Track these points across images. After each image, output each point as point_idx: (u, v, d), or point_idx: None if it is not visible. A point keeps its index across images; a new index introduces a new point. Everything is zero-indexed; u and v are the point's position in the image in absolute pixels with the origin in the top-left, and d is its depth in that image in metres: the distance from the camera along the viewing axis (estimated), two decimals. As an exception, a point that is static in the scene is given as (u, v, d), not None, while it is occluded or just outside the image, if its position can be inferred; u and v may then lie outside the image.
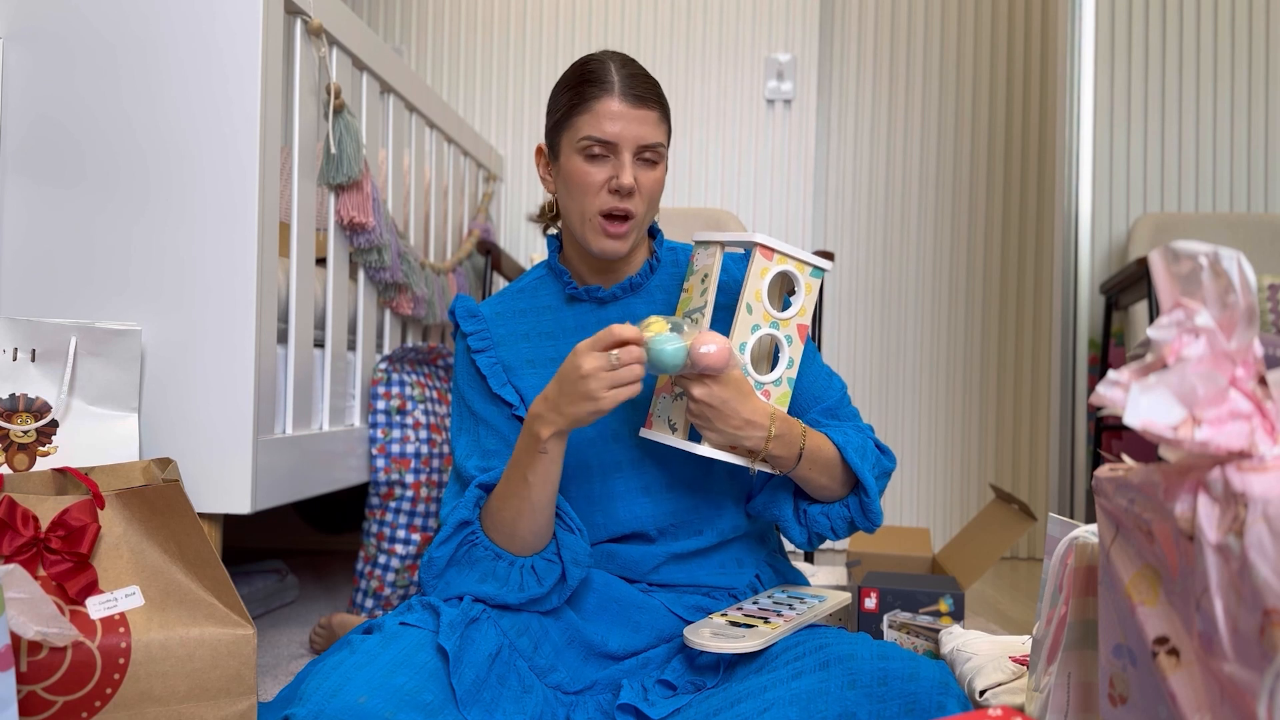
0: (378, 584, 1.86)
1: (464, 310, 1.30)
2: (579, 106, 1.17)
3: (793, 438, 1.14)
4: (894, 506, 3.11)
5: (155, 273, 1.41)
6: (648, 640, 1.20)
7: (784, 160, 3.02)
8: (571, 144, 1.18)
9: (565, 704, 1.11)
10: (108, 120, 1.42)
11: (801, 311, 1.17)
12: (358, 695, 0.96)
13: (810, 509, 1.23)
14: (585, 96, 1.16)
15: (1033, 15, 3.09)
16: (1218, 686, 0.64)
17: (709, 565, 1.27)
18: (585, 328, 1.27)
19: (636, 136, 1.16)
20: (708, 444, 1.14)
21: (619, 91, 1.16)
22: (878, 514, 1.21)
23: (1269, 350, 1.97)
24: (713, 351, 1.06)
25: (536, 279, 1.32)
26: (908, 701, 0.97)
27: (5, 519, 1.04)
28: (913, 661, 1.01)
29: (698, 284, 1.18)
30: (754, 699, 1.00)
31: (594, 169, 1.17)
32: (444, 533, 1.17)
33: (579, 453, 1.24)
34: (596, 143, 1.16)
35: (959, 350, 3.10)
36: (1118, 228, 2.77)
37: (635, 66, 1.20)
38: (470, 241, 2.49)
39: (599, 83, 1.16)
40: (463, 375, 1.29)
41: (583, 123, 1.16)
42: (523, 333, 1.28)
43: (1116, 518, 0.78)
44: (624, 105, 1.15)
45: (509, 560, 1.15)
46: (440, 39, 3.12)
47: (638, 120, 1.16)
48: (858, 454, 1.19)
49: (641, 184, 1.17)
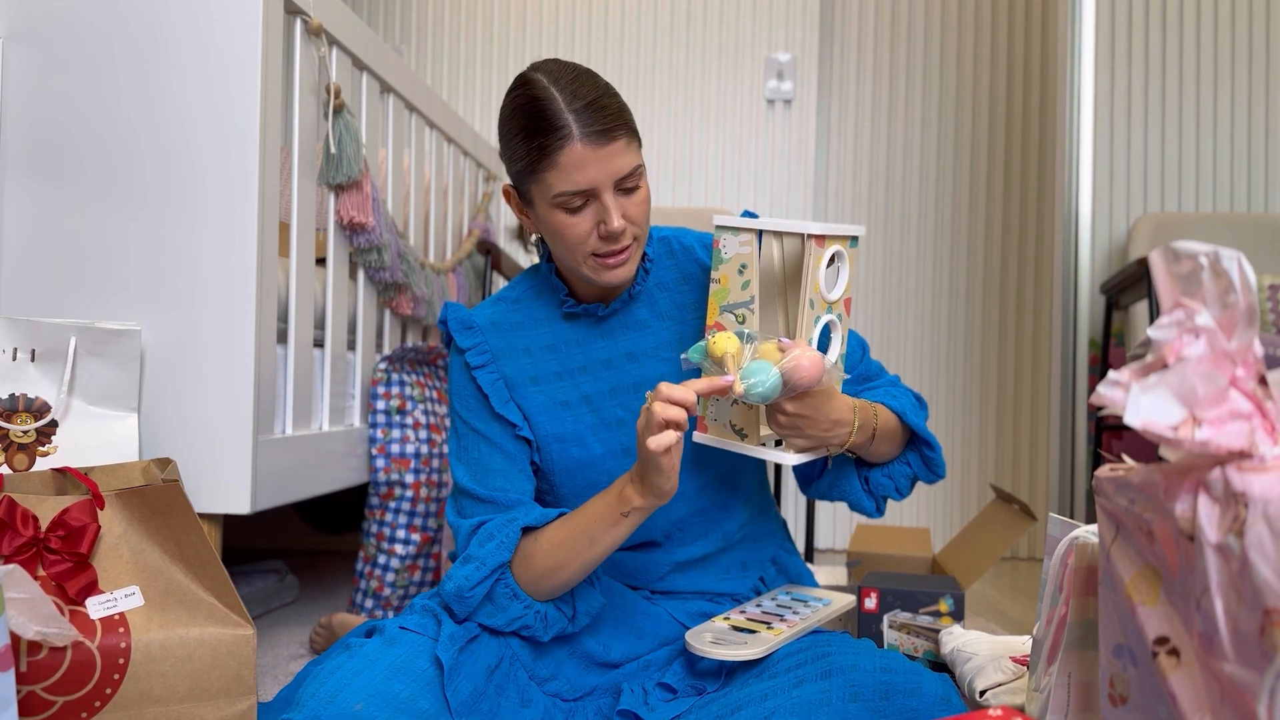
0: (378, 584, 1.86)
1: (457, 321, 1.22)
2: (542, 161, 1.06)
3: (868, 422, 1.14)
4: (894, 506, 3.11)
5: (155, 273, 1.41)
6: (650, 647, 1.20)
7: (784, 160, 3.02)
8: (545, 199, 1.09)
9: (565, 710, 1.11)
10: (108, 120, 1.42)
11: (848, 287, 1.13)
12: (354, 702, 0.96)
13: (872, 475, 1.24)
14: (546, 150, 1.06)
15: (1033, 15, 3.09)
16: (1218, 686, 0.64)
17: (713, 571, 1.27)
18: (587, 340, 1.22)
19: (611, 174, 1.07)
20: (792, 449, 1.12)
21: (579, 135, 1.04)
22: (941, 465, 1.23)
23: (1269, 350, 1.97)
24: (809, 368, 1.02)
25: (530, 289, 1.25)
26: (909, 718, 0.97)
27: (5, 519, 1.04)
28: (916, 676, 1.00)
29: (734, 274, 1.11)
30: (754, 706, 1.00)
31: (577, 220, 1.09)
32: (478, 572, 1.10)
33: (586, 471, 1.20)
34: (572, 195, 1.07)
35: (959, 350, 3.10)
36: (1118, 228, 2.77)
37: (586, 88, 1.07)
38: (470, 241, 2.49)
39: (554, 130, 1.05)
40: (458, 390, 1.22)
41: (551, 178, 1.07)
42: (523, 347, 1.22)
43: (1116, 518, 0.78)
44: (589, 148, 1.05)
45: (525, 603, 1.11)
46: (440, 39, 3.12)
47: (607, 157, 1.06)
48: (914, 414, 1.21)
49: (629, 214, 1.10)
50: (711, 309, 1.13)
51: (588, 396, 1.21)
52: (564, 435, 1.20)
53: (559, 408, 1.21)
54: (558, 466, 1.21)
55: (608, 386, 1.21)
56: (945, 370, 3.10)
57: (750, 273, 1.10)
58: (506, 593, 1.10)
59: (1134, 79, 2.77)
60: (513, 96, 1.11)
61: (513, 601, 1.11)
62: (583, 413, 1.20)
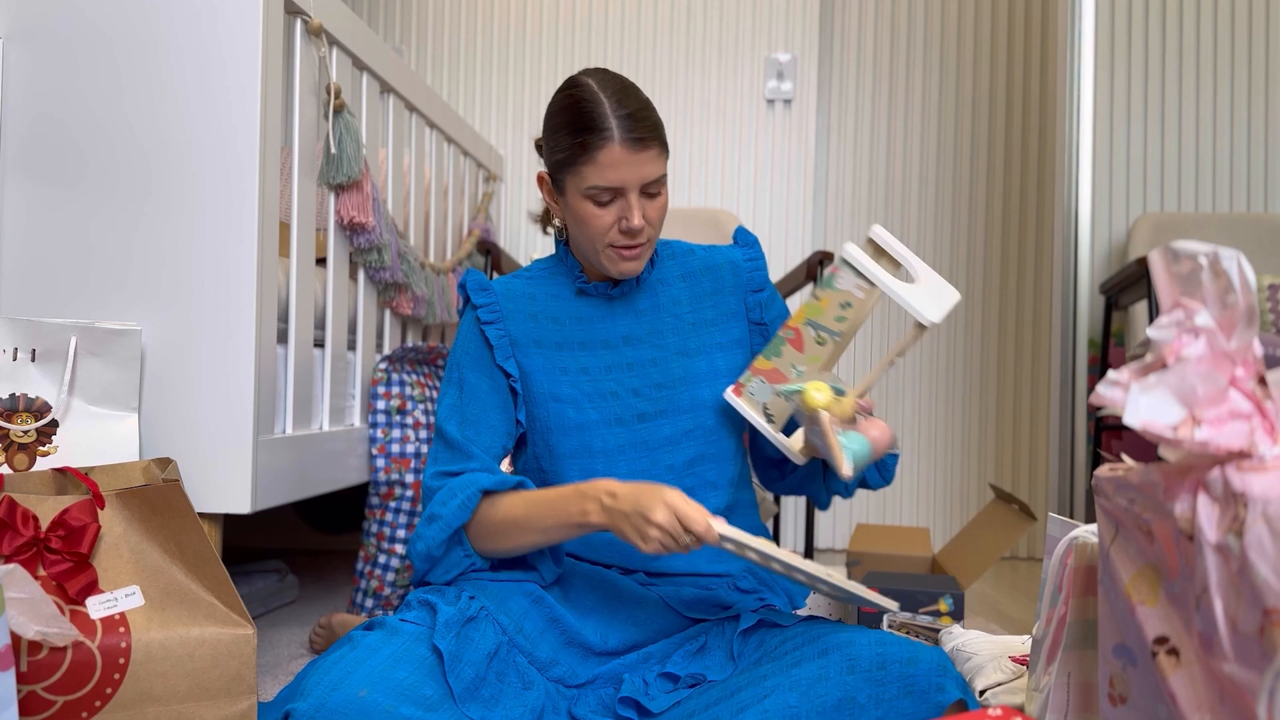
0: (378, 584, 1.86)
1: (475, 283, 1.32)
2: (582, 156, 1.18)
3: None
4: (894, 506, 3.11)
5: (155, 272, 1.41)
6: (648, 635, 1.21)
7: (784, 160, 3.02)
8: (578, 189, 1.21)
9: (568, 698, 1.12)
10: (108, 120, 1.42)
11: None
12: (358, 689, 0.97)
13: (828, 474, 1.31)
14: (588, 146, 1.18)
15: (1033, 15, 3.09)
16: (1218, 686, 0.64)
17: (708, 550, 1.28)
18: (590, 320, 1.30)
19: (641, 178, 1.19)
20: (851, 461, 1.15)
21: (620, 139, 1.17)
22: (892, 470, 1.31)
23: (1269, 350, 1.97)
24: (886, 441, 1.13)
25: (545, 269, 1.35)
26: (906, 684, 0.99)
27: (5, 519, 1.04)
28: (911, 646, 1.02)
29: (835, 304, 1.19)
30: (754, 687, 1.02)
31: (603, 212, 1.20)
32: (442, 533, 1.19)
33: (581, 434, 1.26)
34: (603, 190, 1.19)
35: (959, 350, 3.10)
36: (1118, 228, 2.77)
37: (631, 100, 1.20)
38: (470, 241, 2.49)
39: (599, 130, 1.17)
40: (464, 343, 1.31)
41: (588, 172, 1.19)
42: (530, 312, 1.31)
43: (1116, 518, 0.78)
44: (626, 151, 1.17)
45: (467, 552, 1.20)
46: (440, 39, 3.12)
47: (640, 163, 1.18)
48: None
49: (649, 216, 1.22)
50: (798, 315, 1.21)
51: (585, 368, 1.29)
52: (560, 396, 1.27)
53: (558, 373, 1.28)
54: (554, 424, 1.27)
55: (604, 364, 1.29)
56: (945, 370, 3.11)
57: (851, 313, 1.18)
58: (460, 551, 1.20)
59: (1134, 79, 2.77)
60: (564, 95, 1.23)
61: (464, 560, 1.20)
62: (580, 380, 1.28)
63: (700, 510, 1.08)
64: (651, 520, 1.07)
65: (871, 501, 3.11)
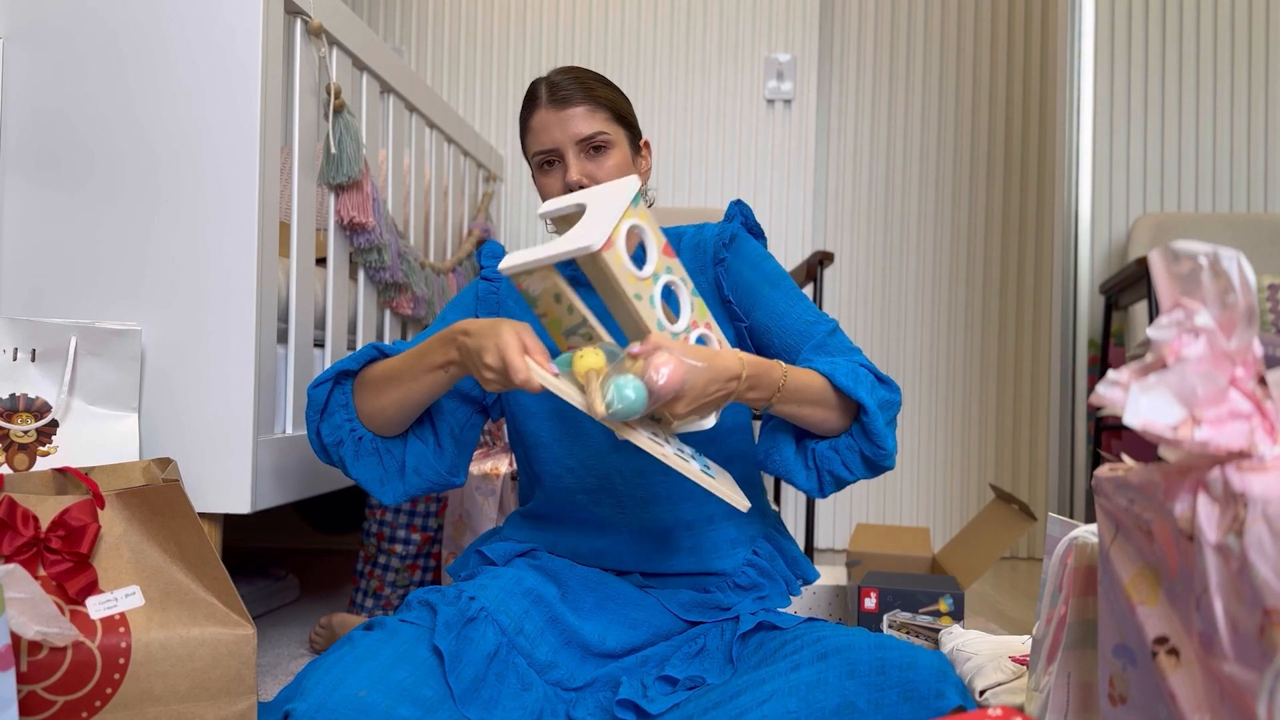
0: (378, 584, 1.86)
1: (489, 254, 1.38)
2: (524, 128, 1.28)
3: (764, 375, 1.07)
4: (894, 506, 3.11)
5: (155, 272, 1.41)
6: (645, 638, 1.20)
7: (784, 160, 3.02)
8: (532, 164, 1.28)
9: (566, 700, 1.12)
10: (107, 120, 1.42)
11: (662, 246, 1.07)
12: (358, 689, 0.97)
13: (818, 446, 1.16)
14: (525, 118, 1.27)
15: (1033, 15, 3.09)
16: (1218, 686, 0.64)
17: (703, 546, 1.27)
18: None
19: (571, 135, 1.22)
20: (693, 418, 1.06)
21: (544, 102, 1.24)
22: (882, 434, 1.12)
23: (1269, 350, 1.98)
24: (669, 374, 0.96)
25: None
26: (906, 689, 0.98)
27: (5, 519, 1.04)
28: (910, 651, 1.02)
29: (552, 304, 1.07)
30: (753, 691, 1.02)
31: (549, 179, 1.25)
32: (324, 375, 1.22)
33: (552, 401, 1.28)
34: (542, 154, 1.25)
35: (959, 350, 3.10)
36: (1117, 228, 2.77)
37: (570, 72, 1.26)
38: (470, 241, 2.49)
39: (532, 100, 1.26)
40: (456, 302, 1.36)
41: (529, 142, 1.27)
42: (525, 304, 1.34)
43: (1116, 518, 0.78)
44: (550, 111, 1.23)
45: (349, 415, 1.22)
46: (440, 39, 3.12)
47: (566, 120, 1.22)
48: (848, 378, 1.11)
49: (593, 174, 1.23)
50: (558, 341, 1.11)
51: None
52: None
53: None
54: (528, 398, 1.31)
55: None
56: (945, 370, 3.11)
57: (569, 296, 1.06)
58: (340, 399, 1.22)
59: (1133, 78, 2.77)
60: None
61: (340, 409, 1.22)
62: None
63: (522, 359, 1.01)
64: (483, 361, 1.05)
65: (871, 501, 3.11)
